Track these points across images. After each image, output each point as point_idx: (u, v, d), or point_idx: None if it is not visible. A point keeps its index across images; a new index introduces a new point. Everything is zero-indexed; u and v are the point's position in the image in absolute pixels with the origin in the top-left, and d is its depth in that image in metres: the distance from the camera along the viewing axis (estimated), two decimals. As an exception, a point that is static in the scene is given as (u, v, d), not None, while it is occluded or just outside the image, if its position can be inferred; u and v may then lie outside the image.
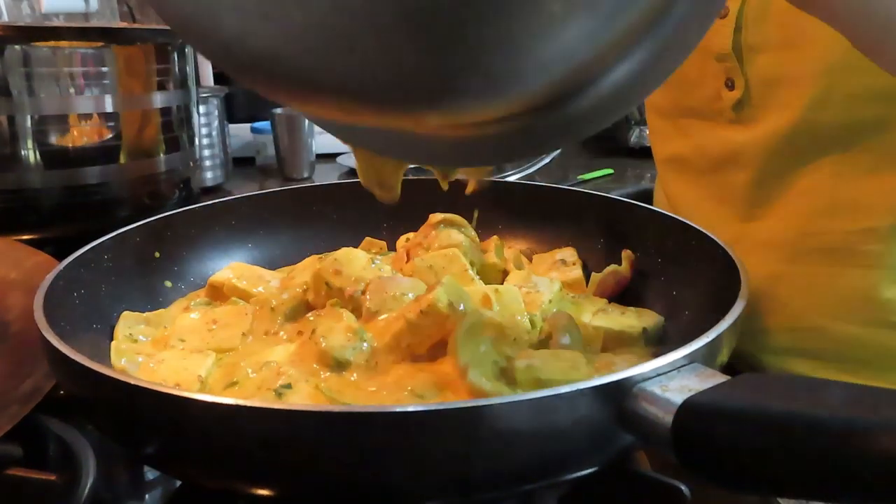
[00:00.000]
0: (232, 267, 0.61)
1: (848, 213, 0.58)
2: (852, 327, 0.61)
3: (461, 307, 0.47)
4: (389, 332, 0.47)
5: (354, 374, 0.46)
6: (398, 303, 0.50)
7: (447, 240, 0.60)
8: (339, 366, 0.45)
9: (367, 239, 0.70)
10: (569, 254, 0.64)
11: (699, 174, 0.67)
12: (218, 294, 0.59)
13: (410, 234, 0.65)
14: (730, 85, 0.61)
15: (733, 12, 0.58)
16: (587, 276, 0.61)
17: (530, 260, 0.66)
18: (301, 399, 0.42)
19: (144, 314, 0.55)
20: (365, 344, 0.47)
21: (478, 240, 0.64)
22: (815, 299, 0.62)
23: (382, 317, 0.49)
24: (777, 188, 0.61)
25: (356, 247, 0.68)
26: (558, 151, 1.41)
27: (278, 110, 1.42)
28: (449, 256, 0.56)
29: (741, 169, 0.63)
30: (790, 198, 0.61)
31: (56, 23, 1.45)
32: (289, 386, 0.43)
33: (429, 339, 0.47)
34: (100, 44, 0.76)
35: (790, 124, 0.58)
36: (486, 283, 0.57)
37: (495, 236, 0.67)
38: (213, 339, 0.52)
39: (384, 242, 0.70)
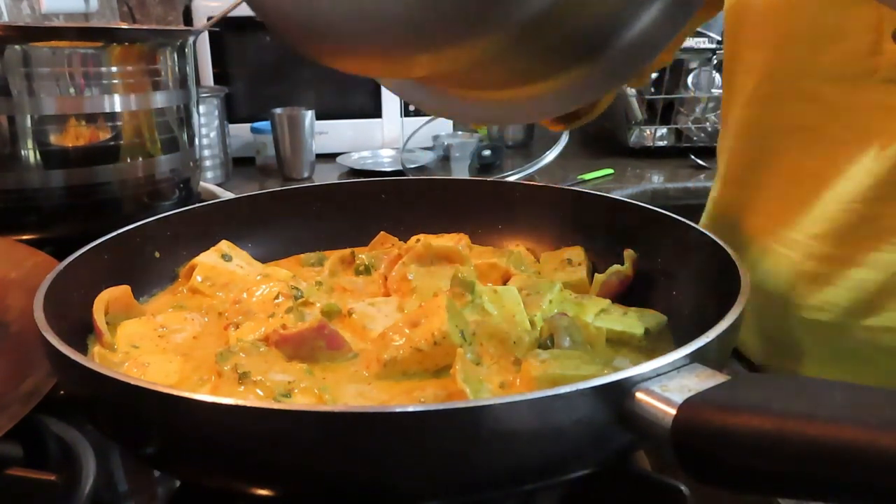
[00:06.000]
0: (207, 258, 0.61)
1: None
2: None
3: (461, 334, 0.47)
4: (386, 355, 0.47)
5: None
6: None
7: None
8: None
9: (382, 233, 0.70)
10: (575, 253, 0.63)
11: (830, 144, 0.57)
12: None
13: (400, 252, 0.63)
14: None
15: None
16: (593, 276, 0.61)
17: (538, 259, 0.66)
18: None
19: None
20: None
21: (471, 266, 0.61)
22: None
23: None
24: None
25: (358, 245, 0.69)
26: (559, 150, 1.41)
27: (278, 110, 1.42)
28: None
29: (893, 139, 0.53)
30: None
31: (56, 23, 1.45)
32: (288, 395, 0.43)
33: (434, 366, 0.47)
34: (100, 44, 0.76)
35: None
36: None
37: (521, 246, 0.67)
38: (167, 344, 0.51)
39: (395, 239, 0.70)
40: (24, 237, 0.72)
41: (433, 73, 0.38)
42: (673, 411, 0.31)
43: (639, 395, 0.32)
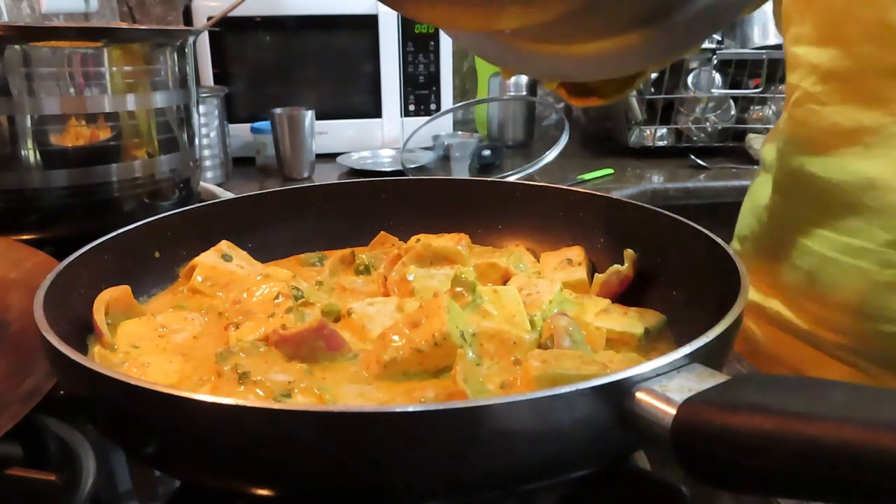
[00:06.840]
0: (207, 259, 0.62)
1: None
2: None
3: (462, 335, 0.47)
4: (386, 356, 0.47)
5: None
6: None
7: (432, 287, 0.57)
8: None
9: (382, 233, 0.70)
10: (575, 253, 0.63)
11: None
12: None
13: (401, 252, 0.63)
14: None
15: None
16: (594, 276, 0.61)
17: (538, 259, 0.66)
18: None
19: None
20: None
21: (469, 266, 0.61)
22: None
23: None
24: None
25: (358, 245, 0.69)
26: (559, 150, 1.41)
27: (278, 110, 1.42)
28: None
29: None
30: None
31: (56, 23, 1.45)
32: (288, 395, 0.43)
33: (435, 367, 0.46)
34: (100, 44, 0.76)
35: None
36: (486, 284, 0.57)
37: (521, 246, 0.67)
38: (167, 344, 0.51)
39: (395, 239, 0.70)
40: (24, 237, 0.72)
41: (519, 26, 0.39)
42: (673, 411, 0.31)
43: (639, 395, 0.32)
